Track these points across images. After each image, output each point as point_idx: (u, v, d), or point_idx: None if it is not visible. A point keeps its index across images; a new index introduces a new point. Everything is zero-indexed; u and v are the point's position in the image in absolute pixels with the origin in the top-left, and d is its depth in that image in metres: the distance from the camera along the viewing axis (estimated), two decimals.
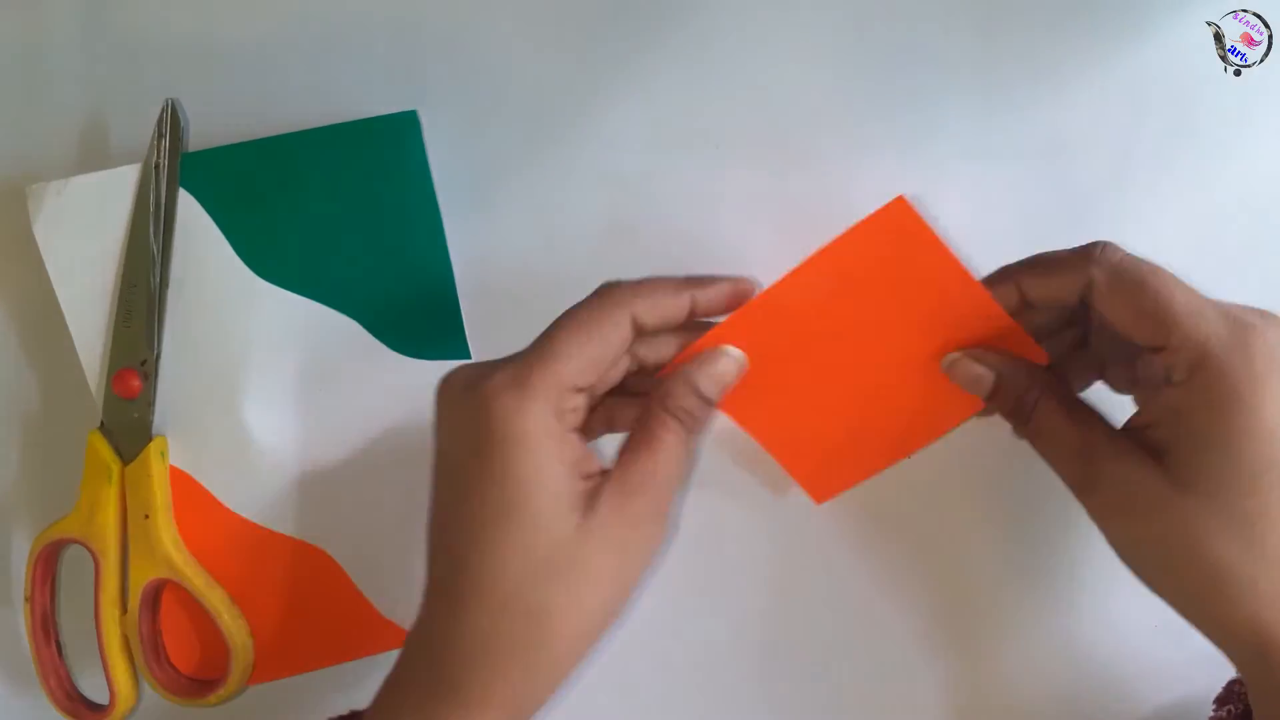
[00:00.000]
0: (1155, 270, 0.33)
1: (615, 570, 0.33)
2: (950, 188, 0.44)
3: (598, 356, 0.33)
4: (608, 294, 0.34)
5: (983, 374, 0.35)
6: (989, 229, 0.44)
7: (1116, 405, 0.36)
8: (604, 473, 0.34)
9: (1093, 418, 0.34)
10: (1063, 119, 0.44)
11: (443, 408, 0.34)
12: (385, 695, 0.34)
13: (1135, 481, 0.32)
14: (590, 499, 0.33)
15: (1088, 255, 0.34)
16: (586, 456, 0.34)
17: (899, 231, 0.34)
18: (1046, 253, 0.35)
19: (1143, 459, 0.32)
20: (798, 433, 0.39)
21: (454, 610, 0.33)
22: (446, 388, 0.34)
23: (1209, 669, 0.37)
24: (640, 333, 0.35)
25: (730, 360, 0.36)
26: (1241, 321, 0.32)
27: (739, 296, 0.36)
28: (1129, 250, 0.34)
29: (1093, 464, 0.33)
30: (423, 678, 0.33)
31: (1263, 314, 0.33)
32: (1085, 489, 0.34)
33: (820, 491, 0.40)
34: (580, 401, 0.34)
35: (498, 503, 0.32)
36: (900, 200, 0.34)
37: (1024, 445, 0.36)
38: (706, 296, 0.35)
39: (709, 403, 0.36)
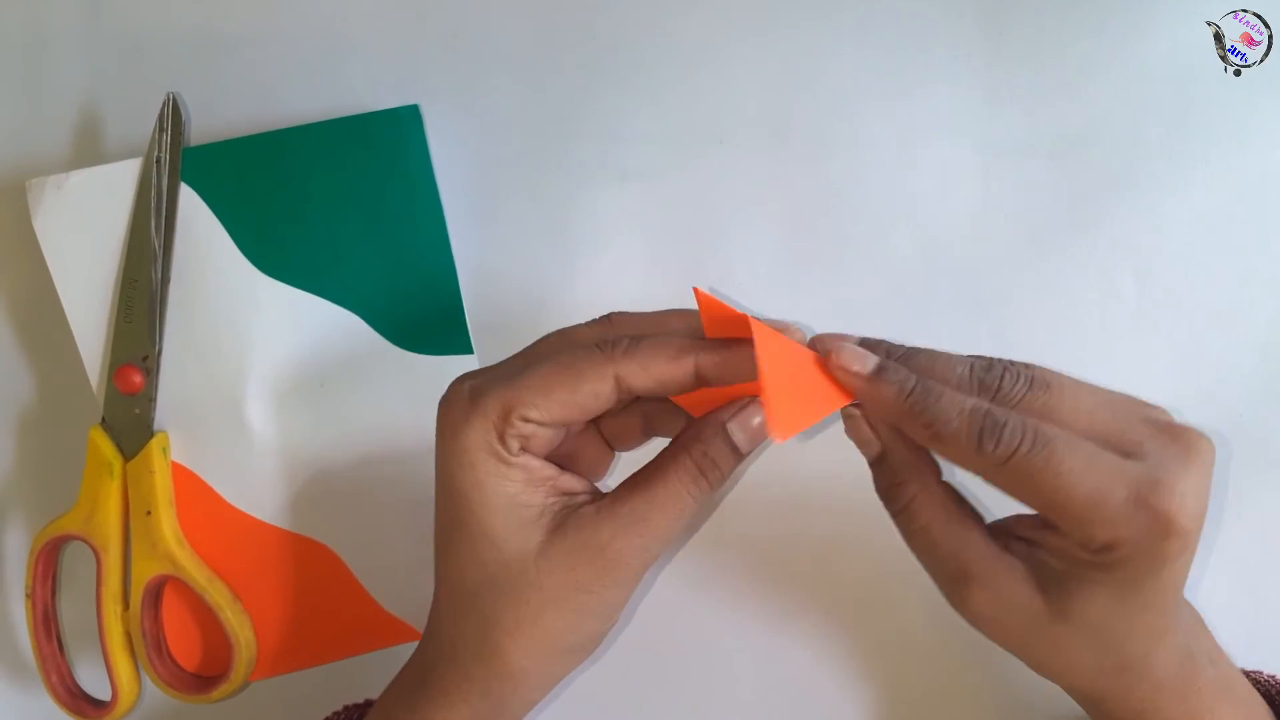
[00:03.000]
0: (1052, 456, 0.29)
1: (573, 600, 0.31)
2: (955, 184, 0.44)
3: (566, 404, 0.31)
4: (603, 349, 0.31)
5: (871, 440, 0.33)
6: (994, 225, 0.44)
7: None
8: (595, 494, 0.33)
9: (969, 522, 0.32)
10: (1067, 117, 0.44)
11: (438, 409, 0.33)
12: (391, 684, 0.36)
13: (1011, 605, 0.31)
14: (563, 518, 0.32)
15: (981, 449, 0.29)
16: (556, 475, 0.32)
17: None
18: (940, 414, 0.30)
19: (1020, 581, 0.31)
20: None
21: (433, 610, 0.34)
22: (448, 389, 0.33)
23: None
24: (627, 395, 0.32)
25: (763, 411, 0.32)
26: (1162, 516, 0.28)
27: (749, 363, 0.31)
28: (1026, 421, 0.30)
29: (965, 579, 0.31)
30: (411, 670, 0.35)
31: (1187, 458, 0.29)
32: (955, 599, 0.32)
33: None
34: (539, 431, 0.31)
35: (450, 513, 0.32)
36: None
37: None
38: (715, 363, 0.31)
39: (737, 455, 0.32)
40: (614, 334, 0.33)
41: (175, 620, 0.44)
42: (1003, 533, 0.33)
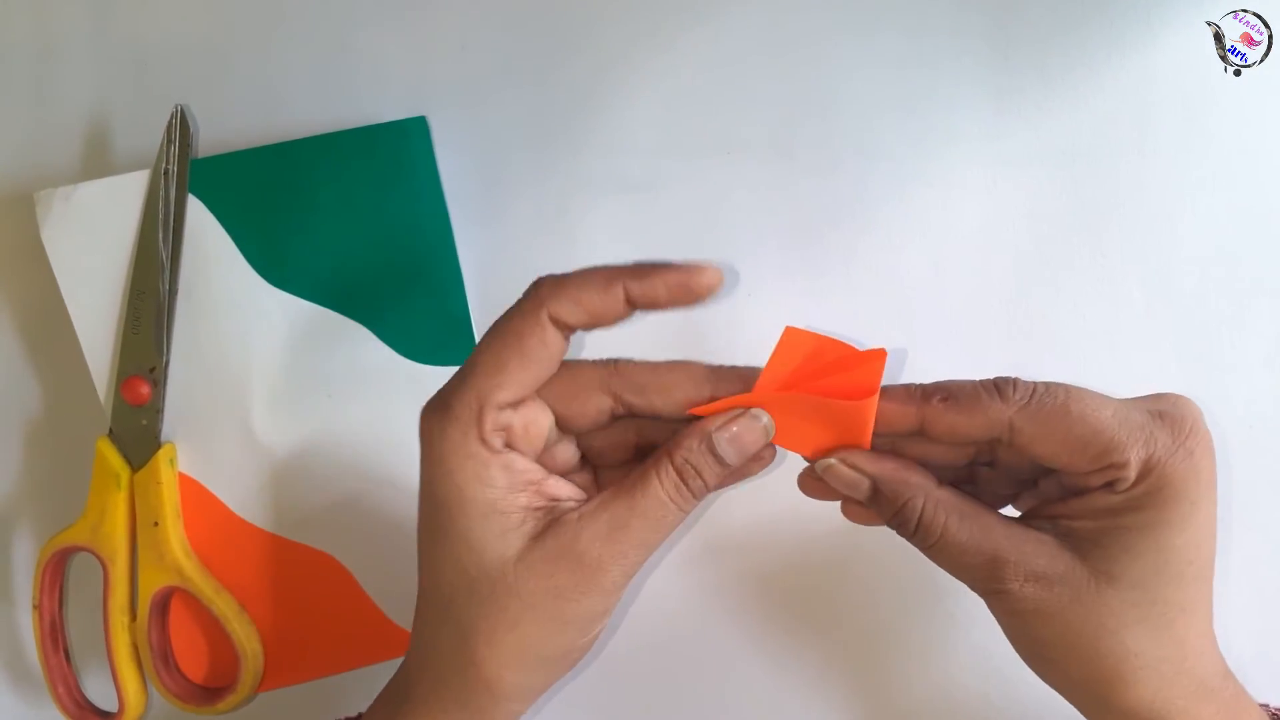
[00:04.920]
0: (1071, 392, 0.30)
1: (551, 608, 0.31)
2: (963, 195, 0.44)
3: (518, 367, 0.30)
4: (527, 296, 0.31)
5: (857, 480, 0.32)
6: (1002, 235, 0.44)
7: None
8: (583, 501, 0.32)
9: (988, 516, 0.31)
10: (1073, 125, 0.44)
11: (418, 428, 0.33)
12: (378, 696, 0.35)
13: (1051, 579, 0.30)
14: (546, 524, 0.31)
15: (1001, 396, 0.30)
16: (542, 478, 0.32)
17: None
18: (953, 384, 0.31)
19: (1056, 553, 0.31)
20: None
21: (414, 620, 0.34)
22: (422, 409, 0.32)
23: None
24: (569, 331, 0.31)
25: (756, 425, 0.31)
26: (1180, 423, 0.30)
27: (682, 288, 0.30)
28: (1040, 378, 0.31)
29: (1000, 568, 0.30)
30: (394, 681, 0.35)
31: (1177, 402, 0.31)
32: (994, 592, 0.31)
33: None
34: (513, 418, 0.31)
35: (430, 520, 0.32)
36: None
37: None
38: (643, 288, 0.30)
39: (722, 465, 0.31)
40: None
41: (182, 631, 0.44)
42: (1021, 521, 0.32)
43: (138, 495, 0.43)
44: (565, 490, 0.32)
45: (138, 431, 0.43)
